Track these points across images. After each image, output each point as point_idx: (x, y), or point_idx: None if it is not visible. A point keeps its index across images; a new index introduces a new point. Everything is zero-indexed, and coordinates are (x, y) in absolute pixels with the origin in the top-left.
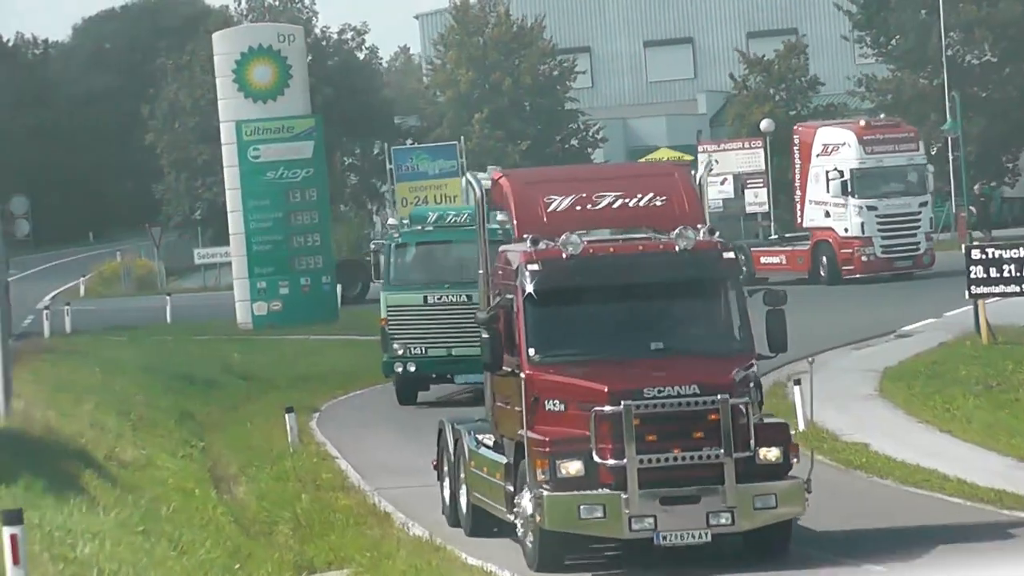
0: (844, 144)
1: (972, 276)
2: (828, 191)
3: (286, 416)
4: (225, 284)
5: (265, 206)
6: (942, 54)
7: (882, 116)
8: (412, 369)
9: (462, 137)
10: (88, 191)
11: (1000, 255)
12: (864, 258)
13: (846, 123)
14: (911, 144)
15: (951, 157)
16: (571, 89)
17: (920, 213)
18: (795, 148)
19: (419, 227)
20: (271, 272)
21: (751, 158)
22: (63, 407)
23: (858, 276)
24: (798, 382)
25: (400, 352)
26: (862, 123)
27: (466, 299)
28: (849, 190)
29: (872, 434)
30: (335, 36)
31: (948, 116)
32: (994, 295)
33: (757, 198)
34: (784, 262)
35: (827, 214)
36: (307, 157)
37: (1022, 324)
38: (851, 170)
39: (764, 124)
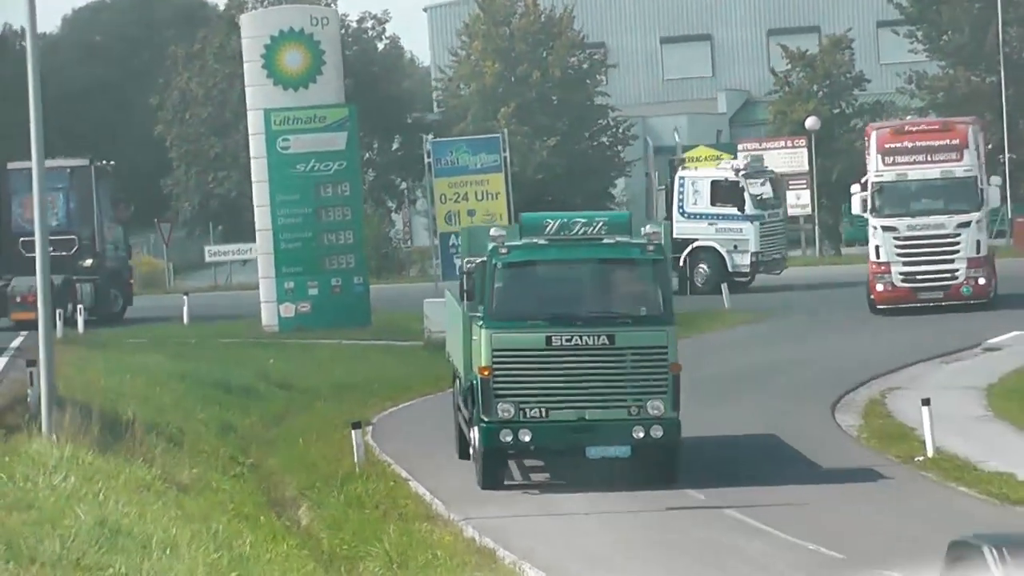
0: (871, 150)
1: None
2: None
3: (352, 432)
4: (236, 283)
5: (294, 200)
6: (999, 50)
7: (930, 114)
8: (527, 439)
9: (505, 131)
10: None
11: None
12: (880, 286)
13: (884, 126)
14: (951, 153)
15: (1006, 158)
16: (601, 83)
17: (958, 236)
18: (867, 152)
19: (533, 239)
20: (299, 271)
21: (793, 158)
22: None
23: (879, 307)
24: (926, 402)
25: (510, 415)
26: (891, 128)
27: (606, 341)
28: (869, 207)
29: (1010, 460)
30: (354, 25)
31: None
32: None
33: (800, 200)
34: None
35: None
36: (340, 149)
37: None
38: (870, 183)
39: (809, 122)
